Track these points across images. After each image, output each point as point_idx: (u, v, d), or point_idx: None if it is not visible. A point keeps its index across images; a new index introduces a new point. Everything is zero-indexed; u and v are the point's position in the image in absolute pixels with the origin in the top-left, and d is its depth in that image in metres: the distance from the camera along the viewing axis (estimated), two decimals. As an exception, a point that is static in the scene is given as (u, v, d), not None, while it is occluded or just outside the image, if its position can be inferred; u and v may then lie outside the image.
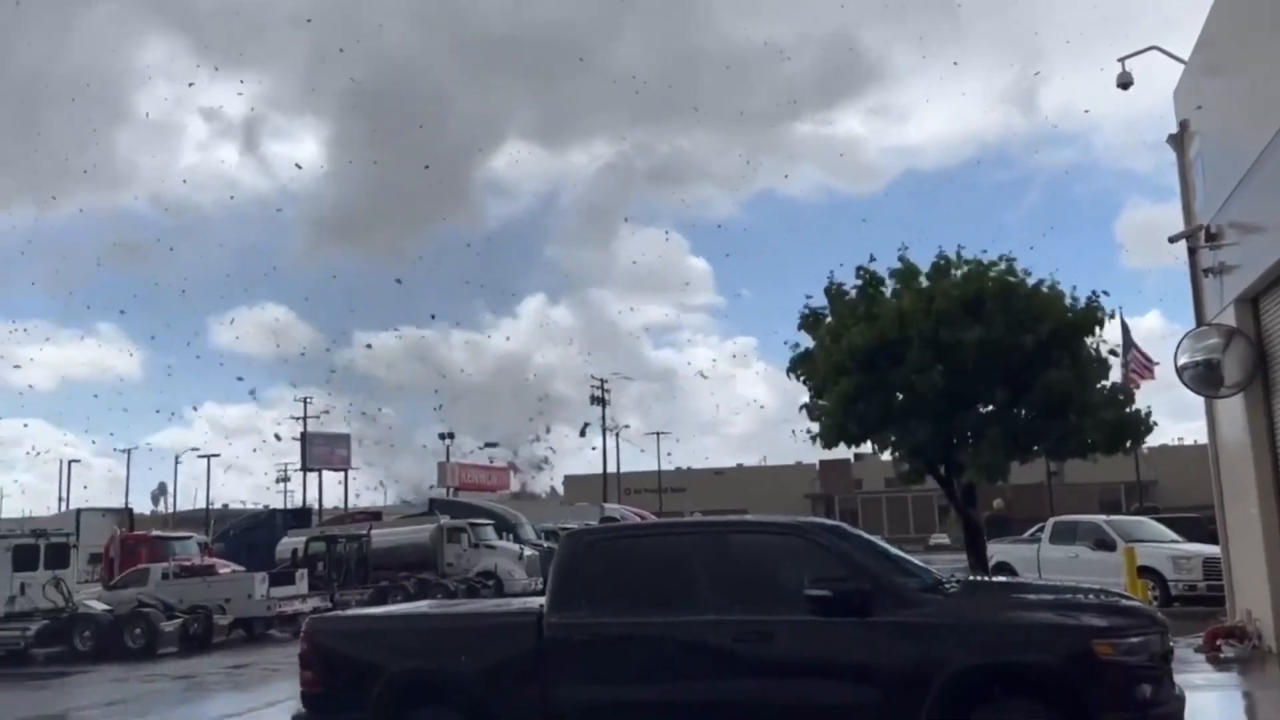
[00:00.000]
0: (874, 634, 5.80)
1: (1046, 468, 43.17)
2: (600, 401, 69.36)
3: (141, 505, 73.01)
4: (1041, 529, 21.14)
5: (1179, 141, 14.58)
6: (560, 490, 79.11)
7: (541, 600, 6.70)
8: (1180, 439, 65.86)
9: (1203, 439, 14.44)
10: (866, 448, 20.88)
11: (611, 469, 72.34)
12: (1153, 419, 18.64)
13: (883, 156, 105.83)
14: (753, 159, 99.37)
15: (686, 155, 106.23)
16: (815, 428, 19.19)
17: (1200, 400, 13.42)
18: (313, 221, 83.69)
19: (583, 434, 63.66)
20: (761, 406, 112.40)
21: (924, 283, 18.96)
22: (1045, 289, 18.49)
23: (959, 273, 18.85)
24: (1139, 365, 24.16)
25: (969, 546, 20.08)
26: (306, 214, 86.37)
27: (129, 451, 77.98)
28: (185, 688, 14.77)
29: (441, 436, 64.29)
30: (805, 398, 19.49)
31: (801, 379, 19.55)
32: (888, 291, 19.23)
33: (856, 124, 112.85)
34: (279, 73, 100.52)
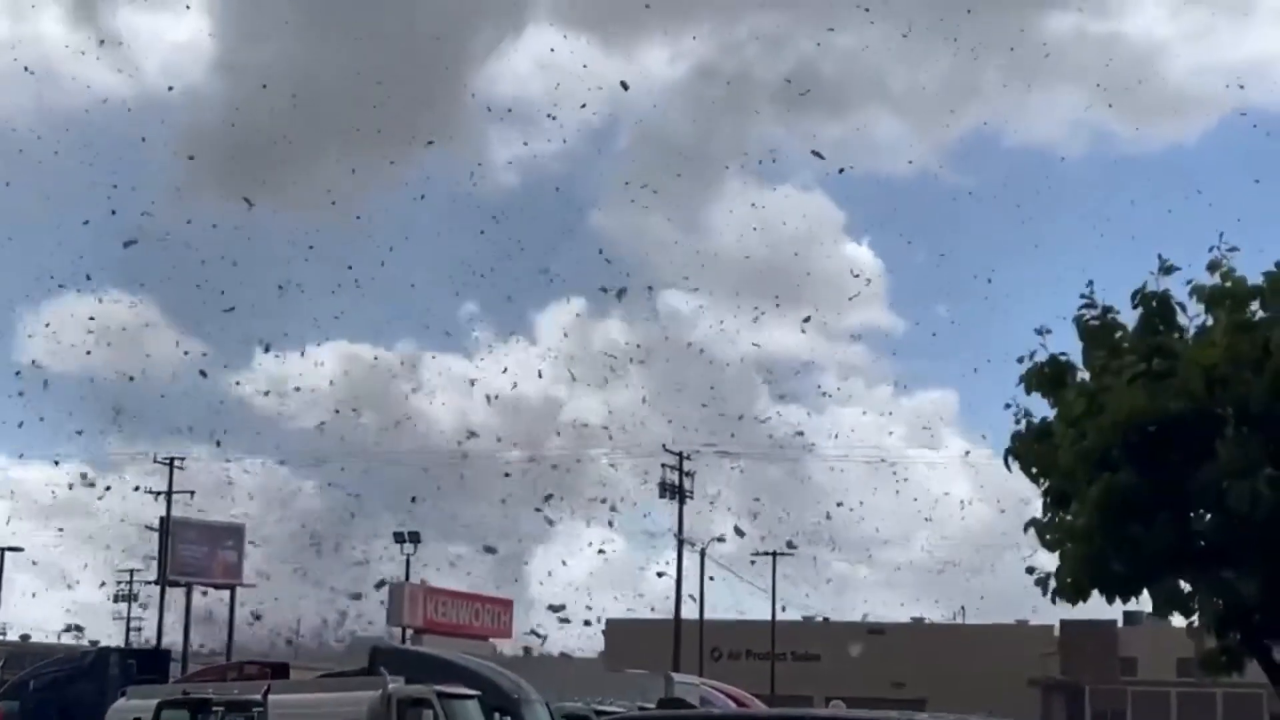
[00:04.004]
0: None
1: None
2: (675, 492, 68.87)
3: None
4: None
5: None
6: (583, 646, 78.47)
7: None
8: None
9: None
10: (1142, 603, 20.23)
11: (690, 613, 71.89)
12: None
13: (1201, 79, 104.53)
14: (969, 69, 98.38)
15: (848, 58, 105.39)
16: (1051, 562, 18.29)
17: None
18: (196, 152, 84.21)
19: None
20: (962, 515, 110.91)
21: (1257, 312, 18.02)
22: None
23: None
24: None
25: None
26: (185, 137, 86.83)
27: None
28: None
29: (400, 539, 64.32)
30: (1035, 506, 18.62)
31: (1030, 473, 18.80)
32: (1189, 325, 18.30)
33: (1158, 17, 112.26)
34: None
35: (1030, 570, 18.92)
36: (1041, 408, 19.03)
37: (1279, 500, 16.81)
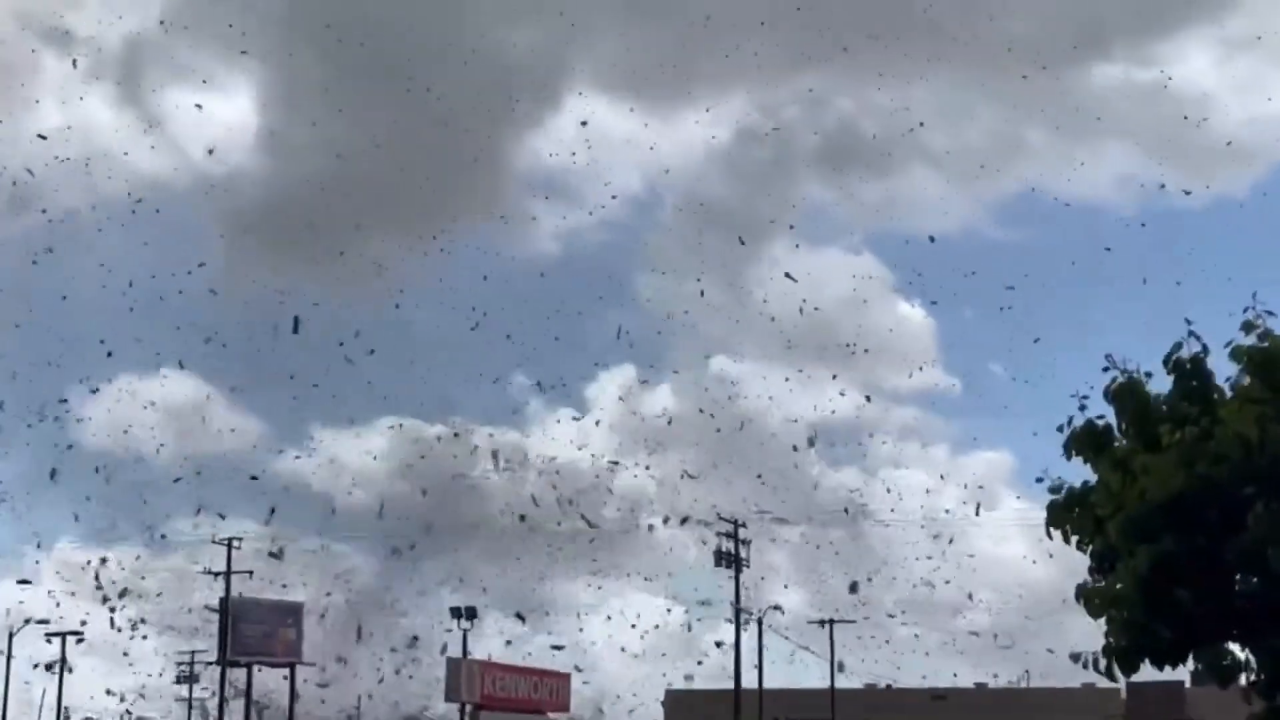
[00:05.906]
0: None
1: None
2: (730, 559, 68.40)
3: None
4: None
5: None
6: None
7: None
8: None
9: None
10: (1189, 667, 19.89)
11: (750, 681, 71.33)
12: None
13: (1253, 129, 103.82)
14: (1015, 128, 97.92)
15: (892, 120, 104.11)
16: (1100, 628, 17.94)
17: None
18: (243, 232, 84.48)
19: None
20: (1024, 576, 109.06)
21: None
22: None
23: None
24: None
25: None
26: (232, 218, 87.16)
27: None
28: None
29: (456, 614, 64.30)
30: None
31: (1075, 540, 18.58)
32: (1226, 386, 17.99)
33: (1203, 63, 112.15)
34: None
35: (1075, 657, 18.58)
36: (1085, 472, 18.89)
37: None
